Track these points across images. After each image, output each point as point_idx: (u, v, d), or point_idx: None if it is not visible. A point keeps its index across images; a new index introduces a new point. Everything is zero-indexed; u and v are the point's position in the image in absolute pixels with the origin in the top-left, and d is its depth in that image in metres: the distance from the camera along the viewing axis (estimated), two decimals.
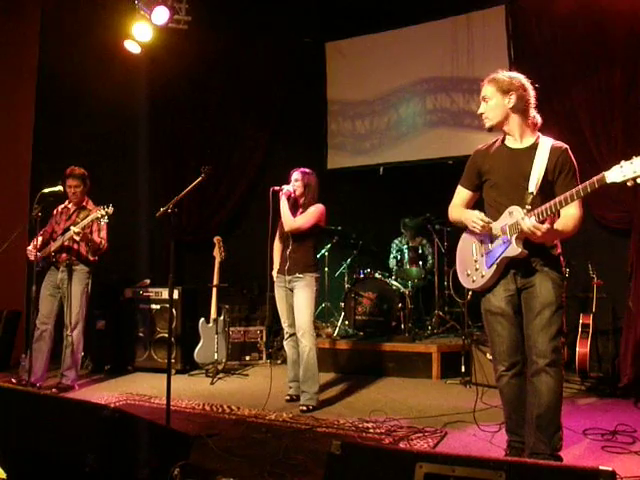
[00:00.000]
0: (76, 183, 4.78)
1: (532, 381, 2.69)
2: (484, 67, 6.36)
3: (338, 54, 7.30)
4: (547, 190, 2.68)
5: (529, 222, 2.54)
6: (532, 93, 2.80)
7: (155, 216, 3.55)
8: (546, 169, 2.68)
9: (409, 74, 6.87)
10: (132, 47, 5.84)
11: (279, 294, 4.35)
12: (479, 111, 2.87)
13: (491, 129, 2.85)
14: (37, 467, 2.37)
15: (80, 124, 6.25)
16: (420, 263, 6.25)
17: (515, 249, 2.64)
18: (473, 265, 2.89)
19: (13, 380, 4.66)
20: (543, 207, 2.56)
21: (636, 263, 4.62)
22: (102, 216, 4.42)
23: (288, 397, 4.35)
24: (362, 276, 5.92)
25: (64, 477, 2.27)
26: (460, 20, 6.53)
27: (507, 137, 2.87)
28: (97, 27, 5.91)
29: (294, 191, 4.29)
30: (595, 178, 2.37)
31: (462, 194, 3.03)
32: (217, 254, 5.54)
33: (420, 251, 6.34)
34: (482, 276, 2.81)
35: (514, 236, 2.65)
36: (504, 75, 2.82)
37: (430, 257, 6.41)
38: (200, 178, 3.66)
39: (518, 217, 2.63)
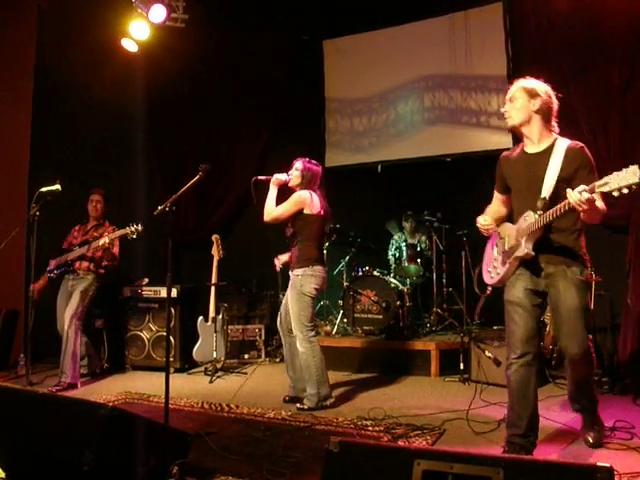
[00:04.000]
0: (98, 198, 5.13)
1: (568, 368, 3.01)
2: (482, 64, 6.38)
3: (336, 52, 7.29)
4: (564, 190, 2.73)
5: (574, 195, 2.55)
6: (556, 104, 2.95)
7: (153, 214, 3.54)
8: (561, 170, 2.81)
9: (407, 71, 6.86)
10: (129, 45, 5.82)
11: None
12: (503, 109, 3.00)
13: (512, 129, 3.00)
14: (36, 466, 2.37)
15: (77, 123, 6.23)
16: (418, 260, 6.25)
17: (522, 250, 2.82)
18: (493, 262, 3.11)
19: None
20: (553, 209, 2.68)
21: (634, 260, 4.63)
22: (132, 232, 4.59)
23: (287, 398, 4.26)
24: (360, 274, 5.91)
25: (63, 476, 2.27)
26: (458, 17, 6.52)
27: (526, 142, 3.00)
28: (94, 25, 5.88)
29: (288, 180, 4.13)
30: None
31: (496, 197, 3.23)
32: (215, 252, 5.53)
33: (419, 248, 6.33)
34: (498, 273, 3.03)
35: (524, 238, 2.82)
36: (533, 81, 2.97)
37: (429, 254, 6.39)
38: (198, 176, 3.64)
39: (531, 220, 2.80)
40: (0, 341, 5.57)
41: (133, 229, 4.58)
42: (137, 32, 5.70)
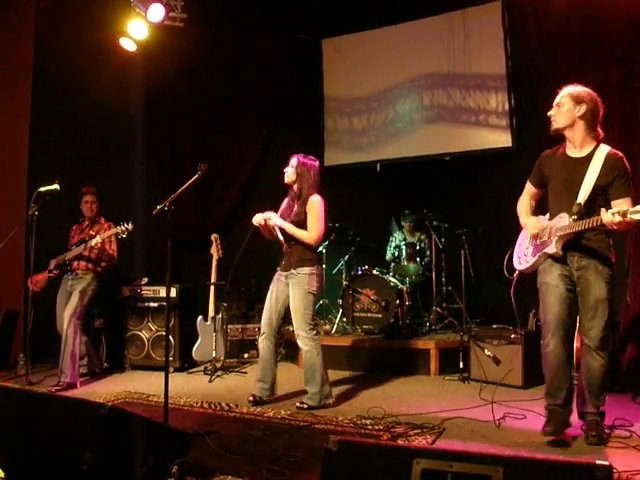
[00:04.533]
0: (92, 199, 5.13)
1: (586, 357, 3.19)
2: (481, 63, 6.39)
3: (334, 51, 7.29)
4: (599, 196, 3.03)
5: (608, 217, 2.77)
6: (602, 111, 3.12)
7: (152, 214, 3.53)
8: (598, 177, 3.00)
9: (406, 70, 6.86)
10: (128, 45, 5.80)
11: (271, 288, 4.19)
12: (549, 113, 3.16)
13: (555, 132, 3.17)
14: (35, 466, 2.37)
15: (76, 122, 6.23)
16: (417, 259, 6.25)
17: (552, 248, 3.11)
18: (524, 251, 3.40)
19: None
20: (586, 221, 2.91)
21: (633, 257, 4.63)
22: (122, 232, 4.69)
23: (251, 397, 4.11)
24: (360, 273, 5.90)
25: (62, 475, 2.27)
26: (456, 16, 6.52)
27: (569, 145, 3.18)
28: (92, 25, 5.87)
29: (286, 178, 4.13)
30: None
31: (529, 189, 3.44)
32: (214, 252, 5.53)
33: (418, 247, 6.33)
34: (527, 262, 3.34)
35: (555, 238, 3.08)
36: (580, 88, 3.16)
37: (428, 252, 6.41)
38: (196, 175, 3.63)
39: (565, 222, 3.05)
40: (0, 341, 5.57)
41: (124, 228, 4.68)
42: (135, 31, 5.68)
